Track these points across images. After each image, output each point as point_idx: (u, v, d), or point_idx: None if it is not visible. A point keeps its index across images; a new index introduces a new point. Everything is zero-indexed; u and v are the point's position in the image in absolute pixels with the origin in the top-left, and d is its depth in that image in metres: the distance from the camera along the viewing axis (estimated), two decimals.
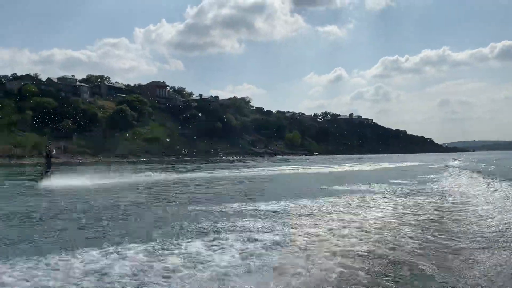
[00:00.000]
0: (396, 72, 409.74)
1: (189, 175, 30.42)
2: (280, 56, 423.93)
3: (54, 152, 24.26)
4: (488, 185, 15.39)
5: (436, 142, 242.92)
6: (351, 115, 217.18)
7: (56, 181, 20.77)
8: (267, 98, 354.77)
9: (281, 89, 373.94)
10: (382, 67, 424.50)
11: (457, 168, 31.17)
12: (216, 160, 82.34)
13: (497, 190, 13.66)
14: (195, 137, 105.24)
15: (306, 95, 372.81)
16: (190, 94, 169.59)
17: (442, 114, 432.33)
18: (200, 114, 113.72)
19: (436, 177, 25.31)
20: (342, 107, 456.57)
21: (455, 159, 53.37)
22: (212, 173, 32.46)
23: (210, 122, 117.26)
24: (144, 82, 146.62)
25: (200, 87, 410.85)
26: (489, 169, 27.39)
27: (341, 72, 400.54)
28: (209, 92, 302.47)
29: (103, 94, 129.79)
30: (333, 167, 42.56)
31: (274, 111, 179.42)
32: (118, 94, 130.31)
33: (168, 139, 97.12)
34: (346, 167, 42.22)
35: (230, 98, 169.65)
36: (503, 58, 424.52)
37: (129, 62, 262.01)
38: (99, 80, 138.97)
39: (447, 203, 12.77)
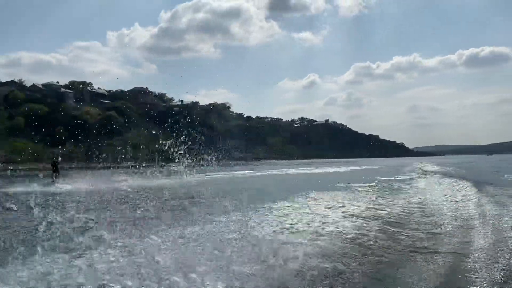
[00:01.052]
0: (368, 78, 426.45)
1: (222, 174, 36.60)
2: (255, 61, 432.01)
3: (60, 159, 27.81)
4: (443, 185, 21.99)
5: (407, 146, 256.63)
6: (326, 120, 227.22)
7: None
8: (241, 103, 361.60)
9: (256, 94, 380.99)
10: (354, 73, 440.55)
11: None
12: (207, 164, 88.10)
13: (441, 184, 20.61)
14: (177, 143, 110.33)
15: (281, 100, 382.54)
16: (171, 99, 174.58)
17: (412, 120, 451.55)
18: (187, 120, 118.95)
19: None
20: (315, 112, 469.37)
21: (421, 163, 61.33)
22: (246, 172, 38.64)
23: (195, 128, 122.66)
24: (117, 86, 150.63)
25: (174, 92, 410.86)
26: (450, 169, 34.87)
27: (314, 77, 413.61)
28: (182, 96, 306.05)
29: (86, 100, 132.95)
30: (320, 169, 49.65)
31: (251, 116, 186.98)
32: (101, 100, 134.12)
33: (156, 145, 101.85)
34: (332, 169, 49.40)
35: (210, 104, 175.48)
36: (470, 65, 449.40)
37: (101, 65, 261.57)
38: (81, 86, 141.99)
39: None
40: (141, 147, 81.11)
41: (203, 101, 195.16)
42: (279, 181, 32.71)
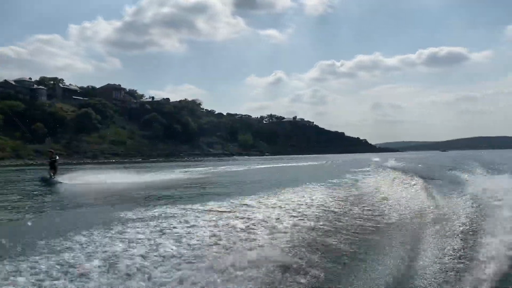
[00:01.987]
0: (333, 76, 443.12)
1: (221, 169, 42.51)
2: (222, 57, 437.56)
3: (58, 157, 24.71)
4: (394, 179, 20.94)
5: (370, 143, 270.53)
6: (294, 117, 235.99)
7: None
8: (208, 99, 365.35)
9: (222, 90, 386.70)
10: (319, 71, 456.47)
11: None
12: (194, 159, 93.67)
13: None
14: (156, 139, 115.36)
15: (248, 97, 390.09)
16: (142, 96, 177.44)
17: (375, 116, 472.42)
18: (159, 117, 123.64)
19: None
20: (281, 109, 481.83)
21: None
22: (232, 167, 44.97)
23: (169, 124, 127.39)
24: (81, 81, 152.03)
25: (139, 87, 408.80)
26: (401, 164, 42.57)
27: (280, 74, 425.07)
28: (149, 92, 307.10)
29: (58, 96, 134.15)
30: (295, 163, 56.80)
31: (222, 112, 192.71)
32: (74, 97, 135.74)
33: (131, 141, 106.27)
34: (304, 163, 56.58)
35: (181, 101, 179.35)
36: (430, 64, 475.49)
37: (63, 59, 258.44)
38: (52, 82, 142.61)
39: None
40: (126, 142, 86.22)
41: (170, 96, 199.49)
42: (287, 172, 35.63)
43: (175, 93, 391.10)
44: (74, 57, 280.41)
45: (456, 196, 12.23)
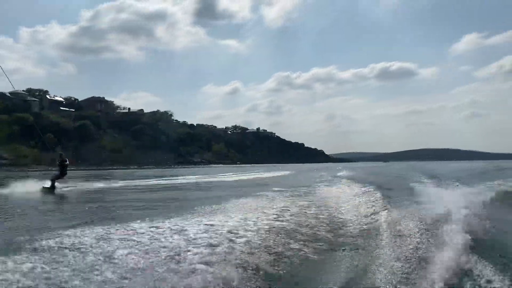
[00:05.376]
0: (289, 87, 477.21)
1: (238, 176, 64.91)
2: (180, 66, 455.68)
3: (67, 162, 24.97)
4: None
5: (326, 153, 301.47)
6: (258, 129, 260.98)
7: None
8: (163, 107, 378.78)
9: (179, 98, 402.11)
10: (276, 82, 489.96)
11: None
12: (184, 166, 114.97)
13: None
14: (145, 148, 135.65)
15: (204, 105, 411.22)
16: (118, 107, 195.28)
17: (329, 128, 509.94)
18: (146, 128, 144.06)
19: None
20: (237, 118, 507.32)
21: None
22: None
23: (155, 135, 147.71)
24: (33, 85, 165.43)
25: (93, 93, 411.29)
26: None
27: (238, 84, 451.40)
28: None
29: (45, 107, 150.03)
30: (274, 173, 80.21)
31: (193, 123, 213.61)
32: (61, 108, 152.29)
33: (126, 150, 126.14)
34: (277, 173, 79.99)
35: (153, 112, 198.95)
36: (381, 78, 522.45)
37: (13, 63, 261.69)
38: (37, 93, 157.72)
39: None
40: (122, 151, 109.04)
41: (124, 103, 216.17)
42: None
43: (129, 101, 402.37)
44: (24, 60, 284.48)
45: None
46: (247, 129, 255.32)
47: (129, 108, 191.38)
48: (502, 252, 6.95)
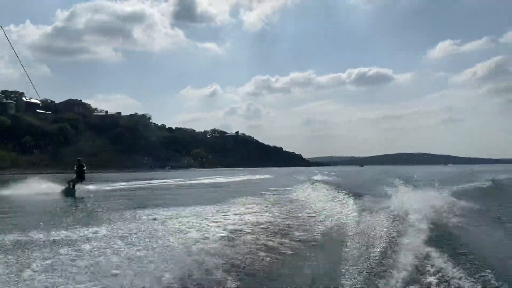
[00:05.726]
0: (267, 90, 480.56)
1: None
2: (158, 68, 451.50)
3: (85, 168, 26.26)
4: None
5: (304, 157, 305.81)
6: (237, 132, 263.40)
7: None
8: (140, 109, 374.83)
9: (156, 100, 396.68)
10: (254, 85, 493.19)
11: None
12: (168, 170, 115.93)
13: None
14: (123, 152, 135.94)
15: (182, 108, 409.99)
16: (95, 110, 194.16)
17: (307, 132, 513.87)
18: (125, 131, 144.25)
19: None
20: (216, 122, 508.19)
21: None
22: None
23: (133, 139, 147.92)
24: (6, 87, 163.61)
25: (68, 95, 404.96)
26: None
27: (216, 87, 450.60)
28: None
29: (21, 109, 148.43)
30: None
31: (172, 127, 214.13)
32: (37, 110, 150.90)
33: (105, 154, 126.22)
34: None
35: (131, 114, 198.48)
36: (358, 83, 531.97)
37: None
38: (12, 95, 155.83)
39: None
40: (100, 154, 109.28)
41: (100, 105, 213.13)
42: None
43: (106, 103, 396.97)
44: None
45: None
46: (226, 132, 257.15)
47: (106, 111, 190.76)
48: (457, 244, 7.78)
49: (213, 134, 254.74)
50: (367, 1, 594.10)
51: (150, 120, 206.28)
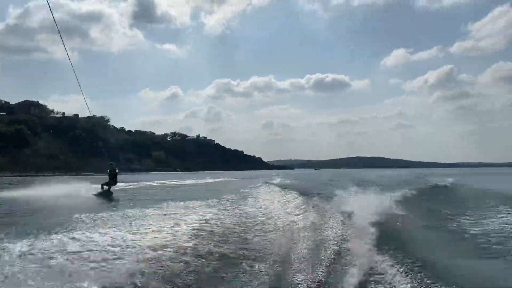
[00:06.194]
0: (229, 94, 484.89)
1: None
2: (116, 69, 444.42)
3: (117, 171, 27.92)
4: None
5: (264, 161, 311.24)
6: (198, 136, 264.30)
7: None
8: (97, 111, 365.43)
9: (114, 102, 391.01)
10: (215, 89, 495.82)
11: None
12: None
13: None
14: (82, 154, 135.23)
15: (141, 110, 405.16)
16: (52, 111, 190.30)
17: (267, 135, 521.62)
18: (83, 134, 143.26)
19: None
20: (176, 125, 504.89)
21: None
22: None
23: (91, 141, 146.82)
24: None
25: (21, 95, 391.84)
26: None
27: (177, 90, 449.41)
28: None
29: None
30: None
31: (131, 129, 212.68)
32: None
33: (63, 156, 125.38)
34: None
35: (89, 117, 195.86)
36: (317, 88, 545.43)
37: None
38: None
39: None
40: (59, 157, 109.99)
41: (55, 106, 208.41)
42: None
43: (61, 103, 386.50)
44: None
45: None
46: (187, 136, 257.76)
47: (63, 113, 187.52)
48: (397, 244, 8.30)
49: (174, 137, 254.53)
50: (324, 9, 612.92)
51: (109, 123, 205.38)
